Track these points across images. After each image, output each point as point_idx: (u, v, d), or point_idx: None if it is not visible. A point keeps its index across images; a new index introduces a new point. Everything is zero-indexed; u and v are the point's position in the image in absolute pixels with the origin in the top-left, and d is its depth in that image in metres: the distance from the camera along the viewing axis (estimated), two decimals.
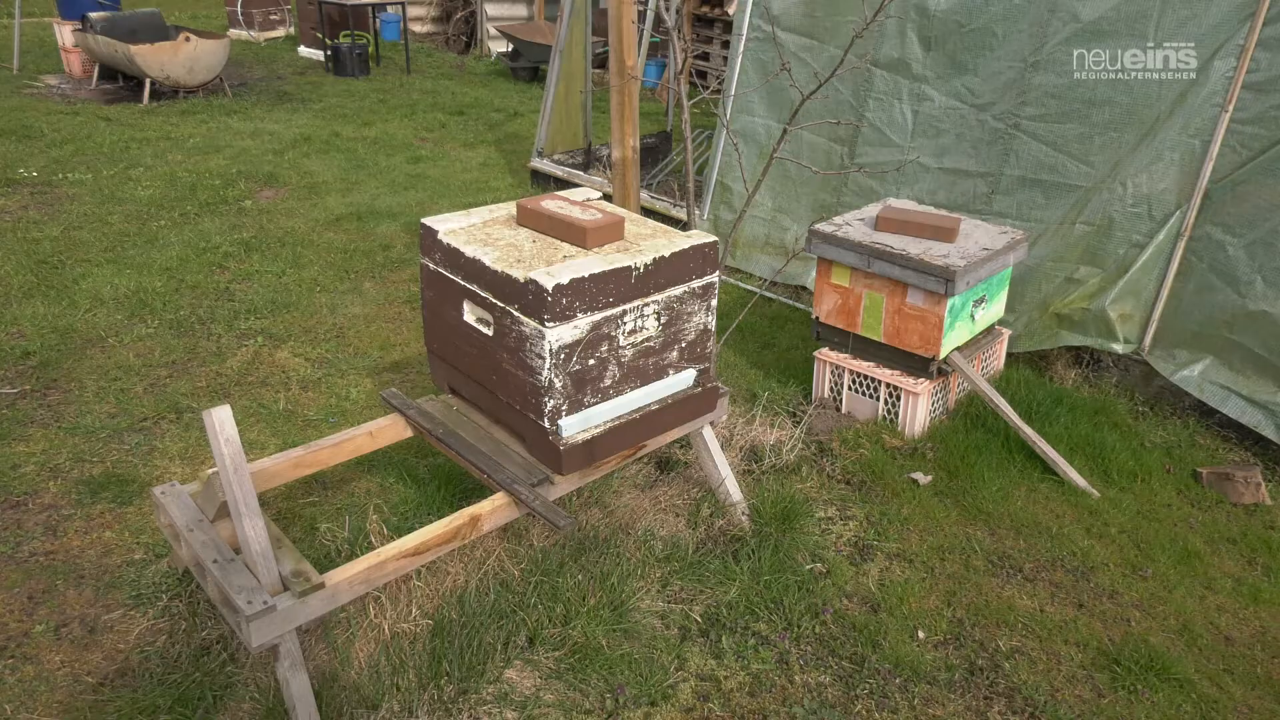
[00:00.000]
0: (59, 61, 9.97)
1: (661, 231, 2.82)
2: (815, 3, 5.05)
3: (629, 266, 2.53)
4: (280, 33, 12.71)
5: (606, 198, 3.22)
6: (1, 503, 3.19)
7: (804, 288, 5.20)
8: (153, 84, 8.76)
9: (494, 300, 2.55)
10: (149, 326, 4.49)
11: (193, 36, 8.75)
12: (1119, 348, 4.16)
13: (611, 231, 2.69)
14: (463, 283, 2.66)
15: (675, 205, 6.05)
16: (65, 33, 9.58)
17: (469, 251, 2.61)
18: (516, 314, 2.48)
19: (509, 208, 2.94)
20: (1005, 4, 4.41)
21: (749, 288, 5.32)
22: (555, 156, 7.04)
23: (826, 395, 4.03)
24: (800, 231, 5.24)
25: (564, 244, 2.67)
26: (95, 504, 3.20)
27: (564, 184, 6.66)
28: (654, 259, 2.59)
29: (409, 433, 2.99)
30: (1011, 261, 3.89)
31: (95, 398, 3.85)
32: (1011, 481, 3.56)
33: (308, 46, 11.71)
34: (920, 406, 3.74)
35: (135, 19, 9.16)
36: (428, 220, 2.78)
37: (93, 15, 8.95)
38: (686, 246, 2.68)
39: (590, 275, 2.44)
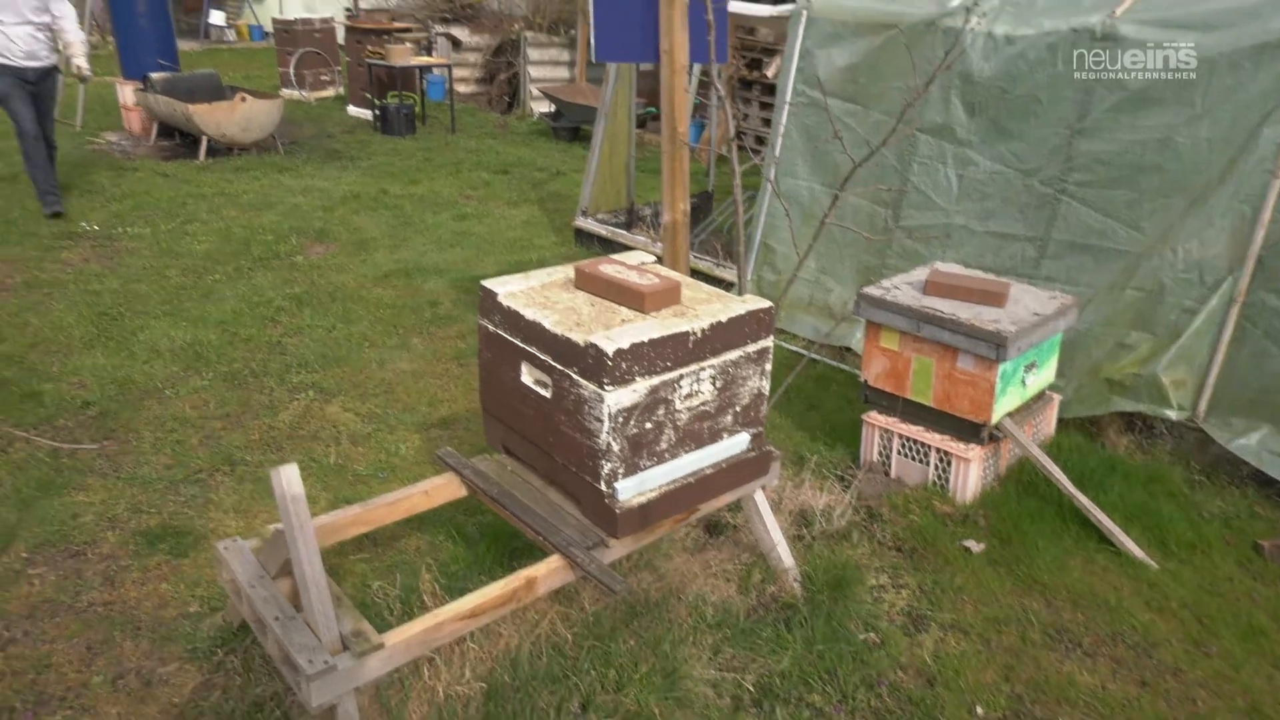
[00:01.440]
0: (119, 119, 10.36)
1: (717, 296, 2.86)
2: (858, 69, 5.14)
3: (686, 332, 2.56)
4: (330, 93, 13.13)
5: (658, 259, 3.28)
6: (62, 551, 3.25)
7: (848, 349, 5.20)
8: (209, 141, 9.07)
9: (553, 363, 2.59)
10: (204, 379, 4.59)
11: (248, 96, 9.08)
12: (1172, 414, 4.10)
13: (668, 296, 2.73)
14: (522, 345, 2.70)
15: (719, 265, 6.10)
16: (126, 91, 9.96)
17: (529, 314, 2.65)
18: (576, 377, 2.51)
19: (566, 270, 2.99)
20: (1049, 72, 4.46)
21: (793, 348, 5.33)
22: (599, 216, 7.16)
23: (875, 459, 4.00)
24: (844, 293, 5.26)
25: (622, 308, 2.71)
26: (152, 555, 3.24)
27: (608, 242, 6.76)
28: (711, 324, 2.62)
29: (463, 492, 3.01)
30: (1062, 327, 3.87)
31: (152, 449, 3.93)
32: (1066, 551, 3.50)
33: (356, 106, 12.08)
34: (972, 472, 3.70)
35: (194, 79, 9.53)
36: (488, 282, 2.84)
37: (154, 75, 9.33)
38: (743, 312, 2.70)
39: (649, 340, 2.47)
